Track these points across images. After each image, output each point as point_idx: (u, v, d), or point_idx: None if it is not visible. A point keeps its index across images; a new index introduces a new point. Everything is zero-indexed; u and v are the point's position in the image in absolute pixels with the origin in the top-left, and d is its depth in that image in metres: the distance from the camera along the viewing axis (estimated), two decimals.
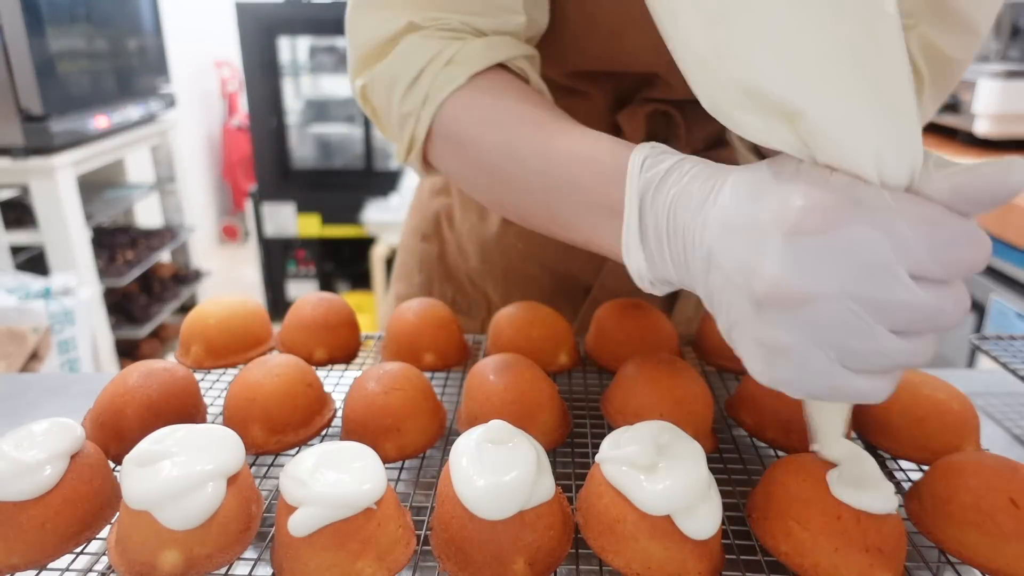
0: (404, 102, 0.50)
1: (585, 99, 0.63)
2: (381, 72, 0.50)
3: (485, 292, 0.75)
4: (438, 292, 0.79)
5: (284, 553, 0.38)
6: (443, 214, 0.77)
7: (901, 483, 0.50)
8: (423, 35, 0.49)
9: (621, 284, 0.70)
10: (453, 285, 0.77)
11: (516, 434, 0.42)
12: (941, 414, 0.49)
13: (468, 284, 0.76)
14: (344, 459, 0.40)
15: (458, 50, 0.48)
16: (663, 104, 0.62)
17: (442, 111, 0.49)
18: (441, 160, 0.52)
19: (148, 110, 2.44)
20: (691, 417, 0.49)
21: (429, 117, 0.49)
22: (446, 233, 0.77)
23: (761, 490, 0.43)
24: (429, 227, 0.78)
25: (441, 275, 0.78)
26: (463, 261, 0.75)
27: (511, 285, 0.73)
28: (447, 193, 0.77)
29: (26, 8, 1.82)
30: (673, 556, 0.38)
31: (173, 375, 0.51)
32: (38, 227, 1.98)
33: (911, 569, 0.41)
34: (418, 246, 0.80)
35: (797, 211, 0.29)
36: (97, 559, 0.42)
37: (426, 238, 0.79)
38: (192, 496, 0.38)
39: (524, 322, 0.62)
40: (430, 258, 0.78)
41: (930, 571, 0.42)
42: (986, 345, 0.68)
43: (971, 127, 1.56)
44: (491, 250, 0.72)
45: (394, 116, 0.51)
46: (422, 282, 0.80)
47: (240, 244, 4.32)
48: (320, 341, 0.62)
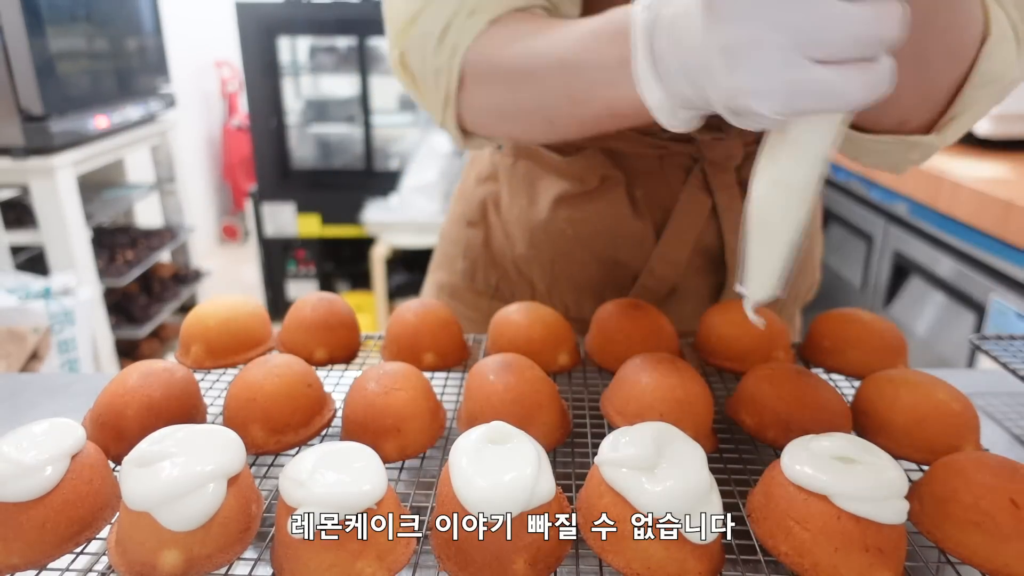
0: (436, 57, 0.54)
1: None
2: (414, 34, 0.55)
3: (530, 279, 0.75)
4: (482, 279, 0.78)
5: (284, 553, 0.38)
6: (490, 200, 0.77)
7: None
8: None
9: (670, 270, 0.70)
10: (498, 271, 0.77)
11: (516, 435, 0.42)
12: (941, 414, 0.49)
13: (513, 271, 0.76)
14: (344, 460, 0.40)
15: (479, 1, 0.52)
16: None
17: (468, 56, 0.53)
18: (473, 104, 0.55)
19: (148, 110, 2.44)
20: (691, 417, 0.49)
21: (458, 67, 0.53)
22: (492, 219, 0.77)
23: (761, 490, 0.43)
24: (475, 213, 0.78)
25: (486, 261, 0.78)
26: (509, 247, 0.75)
27: (558, 271, 0.73)
28: (495, 180, 0.77)
29: (26, 8, 1.82)
30: (673, 556, 0.38)
31: (173, 375, 0.51)
32: (38, 227, 1.98)
33: (911, 569, 0.41)
34: (463, 233, 0.80)
35: None
36: (97, 559, 0.42)
37: (472, 224, 0.79)
38: (193, 498, 0.38)
39: (524, 322, 0.62)
40: (475, 244, 0.78)
41: (930, 571, 0.42)
42: (986, 345, 0.68)
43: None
44: (539, 236, 0.73)
45: (429, 74, 0.55)
46: (465, 269, 0.80)
47: (240, 244, 4.32)
48: (320, 341, 0.62)
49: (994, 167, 1.45)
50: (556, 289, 0.74)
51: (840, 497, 0.38)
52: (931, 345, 1.44)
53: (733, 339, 0.62)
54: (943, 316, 1.44)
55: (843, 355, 0.61)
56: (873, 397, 0.53)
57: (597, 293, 0.73)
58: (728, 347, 0.62)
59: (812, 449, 0.41)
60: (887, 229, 1.63)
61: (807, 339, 0.65)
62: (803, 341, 0.66)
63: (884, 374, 0.54)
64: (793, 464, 0.41)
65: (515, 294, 0.77)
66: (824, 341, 0.63)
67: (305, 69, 3.32)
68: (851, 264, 1.80)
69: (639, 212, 0.70)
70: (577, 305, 0.75)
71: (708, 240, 0.71)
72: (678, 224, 0.69)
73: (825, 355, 0.63)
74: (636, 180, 0.70)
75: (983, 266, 1.32)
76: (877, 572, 0.37)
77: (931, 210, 1.44)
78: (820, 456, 0.41)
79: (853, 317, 0.63)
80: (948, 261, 1.41)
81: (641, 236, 0.70)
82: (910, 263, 1.55)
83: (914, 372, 0.53)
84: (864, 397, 0.54)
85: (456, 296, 0.82)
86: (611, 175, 0.69)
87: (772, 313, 0.64)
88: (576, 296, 0.74)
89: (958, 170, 1.42)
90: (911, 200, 1.52)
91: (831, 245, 1.93)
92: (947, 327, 1.42)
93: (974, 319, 1.33)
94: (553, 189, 0.71)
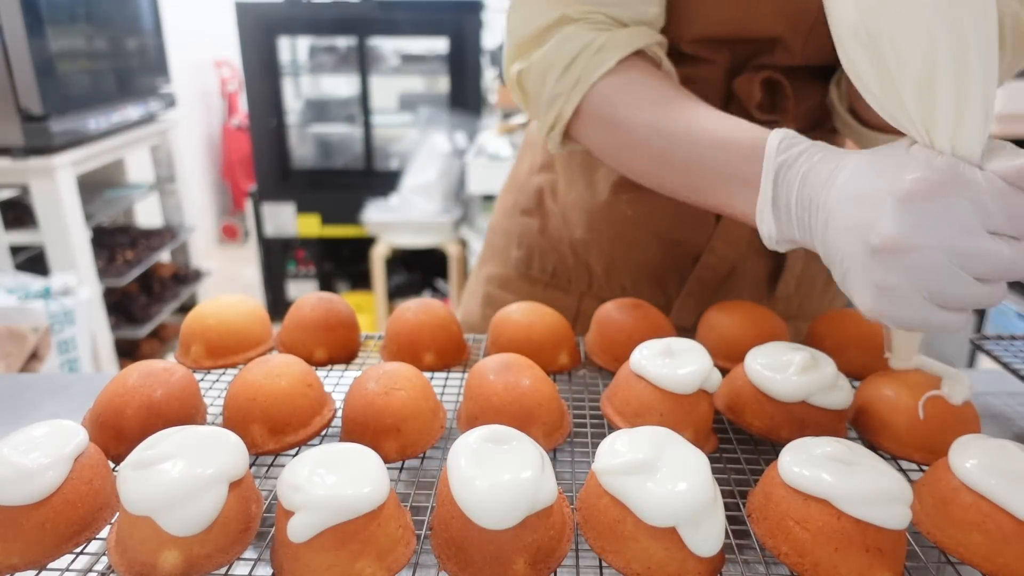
0: (558, 84, 0.59)
1: (705, 65, 0.65)
2: (538, 59, 0.59)
3: (587, 262, 0.77)
4: (538, 266, 0.80)
5: (284, 553, 0.38)
6: (546, 189, 0.79)
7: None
8: (576, 27, 0.58)
9: (731, 249, 0.71)
10: (555, 257, 0.79)
11: (517, 436, 0.42)
12: (941, 414, 0.49)
13: (570, 255, 0.77)
14: (345, 463, 0.40)
15: (607, 39, 0.57)
16: (776, 71, 0.65)
17: (593, 92, 0.58)
18: (588, 135, 0.61)
19: (148, 110, 2.44)
20: (691, 417, 0.49)
21: (579, 97, 0.58)
22: (549, 206, 0.79)
23: (761, 490, 0.43)
24: (530, 202, 0.80)
25: (542, 248, 0.79)
26: (567, 232, 0.77)
27: (617, 253, 0.75)
28: (551, 169, 0.79)
29: (26, 8, 1.82)
30: (673, 556, 0.38)
31: (173, 375, 0.51)
32: (38, 227, 1.98)
33: (911, 569, 0.41)
34: (516, 222, 0.81)
35: (911, 182, 0.38)
36: (97, 559, 0.42)
37: (527, 212, 0.80)
38: (194, 502, 0.38)
39: (524, 322, 0.62)
40: (531, 232, 0.80)
41: (930, 571, 0.42)
42: (986, 345, 0.68)
43: None
44: (599, 218, 0.74)
45: (545, 97, 0.60)
46: (521, 257, 0.81)
47: (240, 244, 4.32)
48: (320, 341, 0.62)
49: None
50: (614, 271, 0.75)
51: (841, 500, 0.38)
52: (931, 345, 1.44)
53: (734, 339, 0.62)
54: None
55: (843, 355, 0.61)
56: (873, 397, 0.53)
57: (656, 275, 0.75)
58: (729, 346, 0.61)
59: (811, 453, 0.41)
60: None
61: (807, 339, 0.65)
62: (803, 341, 0.66)
63: (884, 374, 0.54)
64: (792, 467, 0.41)
65: (572, 279, 0.78)
66: (824, 341, 0.63)
67: (305, 69, 3.32)
68: None
69: None
70: (635, 287, 0.76)
71: None
72: None
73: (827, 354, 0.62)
74: None
75: None
76: (877, 572, 0.37)
77: None
78: (819, 460, 0.41)
79: (853, 317, 0.63)
80: None
81: (702, 216, 0.71)
82: None
83: (914, 372, 0.52)
84: (864, 397, 0.54)
85: (507, 286, 0.83)
86: None
87: (776, 316, 0.64)
88: (633, 278, 0.75)
89: None
90: None
91: None
92: None
93: (975, 319, 1.33)
94: (613, 173, 0.73)
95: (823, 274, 0.76)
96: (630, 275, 0.75)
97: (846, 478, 0.39)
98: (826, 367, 0.52)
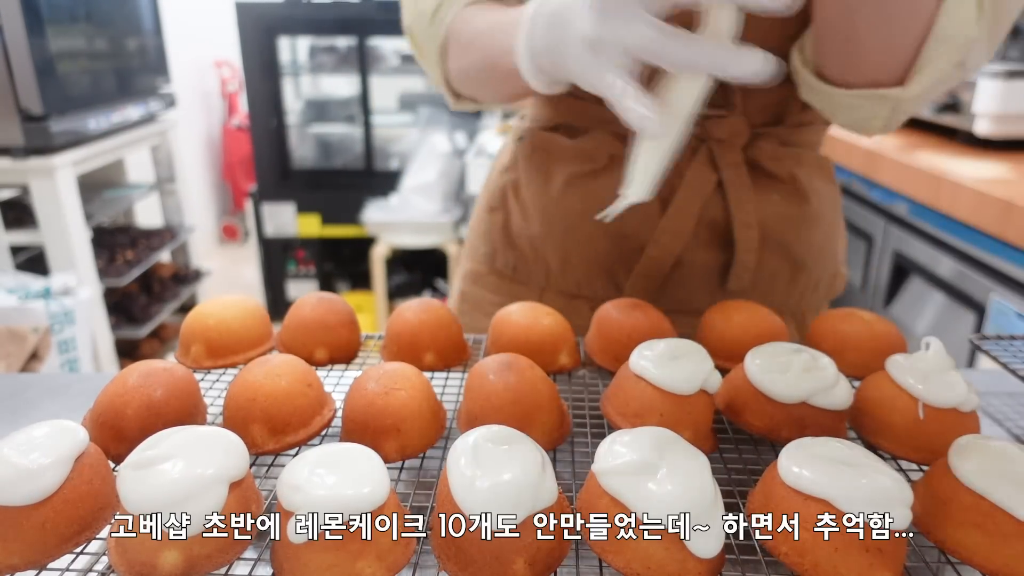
0: (430, 28, 0.71)
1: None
2: (415, 13, 0.72)
3: (544, 257, 0.79)
4: (501, 260, 0.82)
5: (284, 553, 0.38)
6: (510, 186, 0.82)
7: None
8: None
9: (675, 241, 0.73)
10: (515, 252, 0.81)
11: (518, 437, 0.42)
12: (941, 414, 0.49)
13: (529, 250, 0.80)
14: (346, 462, 0.40)
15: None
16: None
17: (450, 29, 0.69)
18: (452, 67, 0.72)
19: (148, 110, 2.44)
20: (691, 417, 0.49)
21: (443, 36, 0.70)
22: (511, 203, 0.82)
23: (761, 490, 0.43)
24: (496, 200, 0.83)
25: (504, 243, 0.82)
26: (526, 227, 0.79)
27: (570, 246, 0.77)
28: (515, 168, 0.82)
29: (26, 8, 1.82)
30: (673, 556, 0.38)
31: (173, 375, 0.51)
32: (38, 227, 1.98)
33: (911, 569, 0.41)
34: (485, 219, 0.84)
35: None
36: (97, 559, 0.42)
37: (493, 210, 0.83)
38: (194, 501, 0.38)
39: (524, 322, 0.62)
40: (496, 228, 0.83)
41: (930, 571, 0.42)
42: (986, 345, 0.68)
43: (971, 127, 1.56)
44: (552, 212, 0.77)
45: (426, 44, 0.72)
46: (487, 253, 0.84)
47: (240, 244, 4.32)
48: (320, 341, 0.62)
49: (994, 167, 1.45)
50: (568, 265, 0.77)
51: (841, 500, 0.38)
52: None
53: (733, 340, 0.62)
54: (943, 316, 1.44)
55: (843, 355, 0.61)
56: (873, 397, 0.53)
57: (606, 268, 0.76)
58: (729, 348, 0.61)
59: (811, 453, 0.42)
60: (887, 229, 1.63)
61: (807, 340, 0.65)
62: (803, 342, 0.66)
63: (884, 374, 0.54)
64: (791, 467, 0.41)
65: (531, 274, 0.80)
66: (824, 342, 0.63)
67: (305, 69, 3.32)
68: (851, 264, 1.80)
69: None
70: (588, 281, 0.77)
71: (714, 213, 0.73)
72: (683, 197, 0.72)
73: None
74: None
75: (983, 266, 1.32)
76: (877, 572, 0.37)
77: (931, 210, 1.44)
78: (819, 460, 0.41)
79: (853, 317, 0.63)
80: (948, 261, 1.41)
81: (647, 210, 0.72)
82: (910, 263, 1.55)
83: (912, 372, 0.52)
84: (864, 397, 0.54)
85: (480, 282, 0.85)
86: (619, 154, 0.73)
87: (775, 316, 0.64)
88: (587, 272, 0.77)
89: (958, 170, 1.42)
90: (911, 200, 1.52)
91: None
92: (947, 327, 1.42)
93: (974, 319, 1.33)
94: (566, 170, 0.76)
95: (785, 270, 0.76)
96: (584, 269, 0.77)
97: (846, 478, 0.39)
98: (826, 367, 0.52)
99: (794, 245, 0.75)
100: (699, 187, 0.72)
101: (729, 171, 0.71)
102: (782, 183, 0.74)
